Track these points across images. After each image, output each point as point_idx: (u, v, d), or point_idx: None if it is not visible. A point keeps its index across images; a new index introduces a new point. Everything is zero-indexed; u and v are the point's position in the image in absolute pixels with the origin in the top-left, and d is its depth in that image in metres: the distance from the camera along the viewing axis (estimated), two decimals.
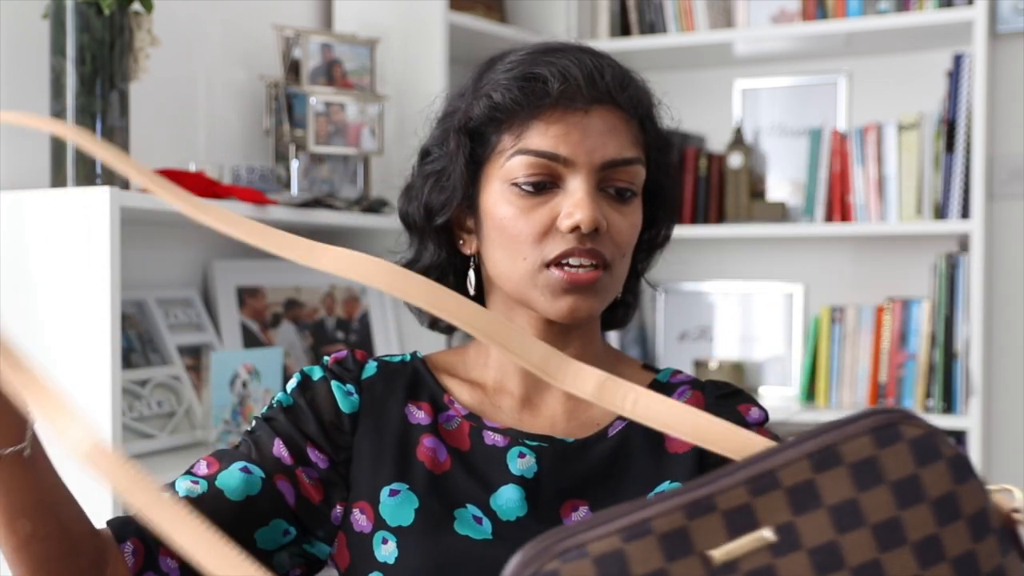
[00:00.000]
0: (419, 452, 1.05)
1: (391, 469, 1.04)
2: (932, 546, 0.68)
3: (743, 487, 0.68)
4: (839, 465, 0.68)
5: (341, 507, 1.05)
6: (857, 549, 0.67)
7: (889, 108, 2.90)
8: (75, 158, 1.82)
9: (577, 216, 0.99)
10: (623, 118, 1.04)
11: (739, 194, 2.95)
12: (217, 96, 2.38)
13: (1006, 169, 2.80)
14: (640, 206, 1.06)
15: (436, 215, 1.08)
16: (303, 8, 2.64)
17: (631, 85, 1.06)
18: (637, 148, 1.05)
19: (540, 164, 1.01)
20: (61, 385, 0.66)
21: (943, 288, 2.71)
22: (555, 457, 1.05)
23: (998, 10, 2.77)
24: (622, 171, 1.03)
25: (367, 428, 1.06)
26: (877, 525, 0.67)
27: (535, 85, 1.02)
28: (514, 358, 0.73)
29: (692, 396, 1.10)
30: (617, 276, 1.05)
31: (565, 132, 1.01)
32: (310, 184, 2.38)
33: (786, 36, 2.86)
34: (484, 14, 2.85)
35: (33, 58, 1.93)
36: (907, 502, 0.68)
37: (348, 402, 1.07)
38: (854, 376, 2.84)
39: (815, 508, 0.67)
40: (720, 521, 0.67)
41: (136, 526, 0.99)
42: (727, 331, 3.12)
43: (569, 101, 1.01)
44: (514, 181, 1.02)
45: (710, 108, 3.12)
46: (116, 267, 1.73)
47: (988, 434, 2.77)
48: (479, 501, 1.03)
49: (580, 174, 1.01)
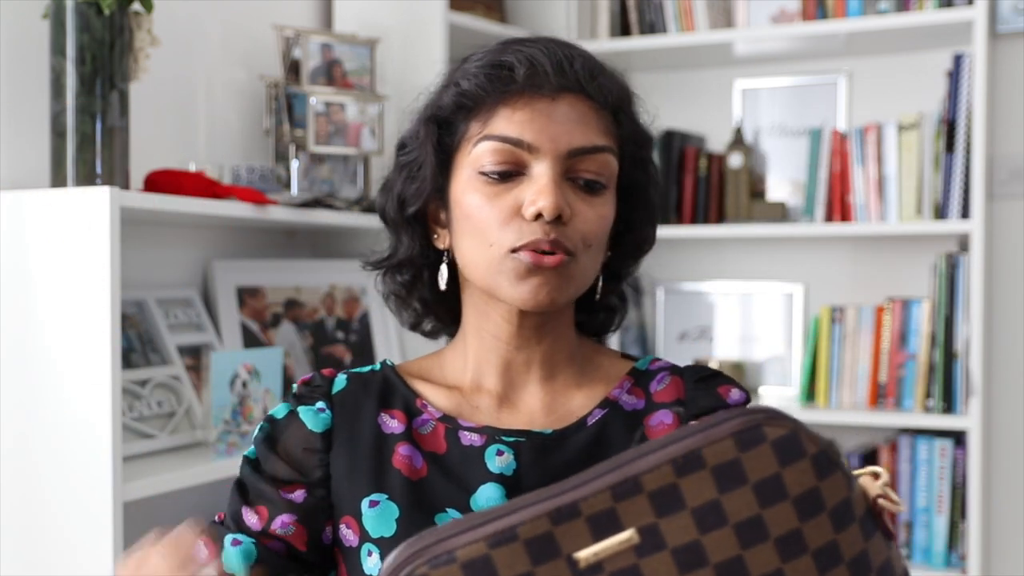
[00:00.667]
0: (395, 461, 1.04)
1: (368, 480, 1.04)
2: (794, 540, 0.71)
3: (607, 492, 0.71)
4: (702, 469, 0.71)
5: (329, 527, 1.05)
6: (720, 547, 0.69)
7: (889, 108, 2.90)
8: (75, 158, 1.82)
9: (540, 203, 0.99)
10: (592, 107, 1.03)
11: (739, 194, 2.95)
12: (217, 96, 2.38)
13: (1006, 169, 2.80)
14: (611, 200, 1.05)
15: (408, 205, 1.08)
16: (303, 8, 2.64)
17: (602, 76, 1.05)
18: (607, 138, 1.04)
19: (505, 151, 1.01)
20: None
21: (943, 288, 2.71)
22: (534, 451, 1.04)
23: (998, 10, 2.77)
24: (590, 159, 1.02)
25: (342, 442, 1.06)
26: (739, 524, 0.70)
27: (501, 72, 1.02)
28: None
29: (671, 382, 1.09)
30: (583, 267, 1.03)
31: (530, 118, 1.01)
32: (310, 184, 2.38)
33: (786, 36, 2.86)
34: (484, 14, 2.85)
35: (33, 58, 1.93)
36: (769, 500, 0.71)
37: (319, 421, 1.07)
38: (854, 376, 2.84)
39: (678, 510, 0.70)
40: (585, 525, 0.70)
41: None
42: (727, 331, 3.12)
43: (536, 88, 1.01)
44: (480, 169, 1.02)
45: (710, 108, 3.12)
46: (116, 267, 1.73)
47: (988, 434, 2.77)
48: (459, 504, 1.02)
49: (545, 161, 1.00)
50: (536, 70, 1.01)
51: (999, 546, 2.80)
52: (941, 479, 2.72)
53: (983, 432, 2.64)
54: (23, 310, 1.79)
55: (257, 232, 2.49)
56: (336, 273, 2.52)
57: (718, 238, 3.04)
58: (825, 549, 0.72)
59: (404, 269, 1.12)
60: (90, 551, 1.73)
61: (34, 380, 1.78)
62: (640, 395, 1.09)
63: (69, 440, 1.75)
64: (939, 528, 2.71)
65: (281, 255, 2.54)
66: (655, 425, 1.07)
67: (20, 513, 1.79)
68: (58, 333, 1.76)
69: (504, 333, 1.07)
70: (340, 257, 2.57)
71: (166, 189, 1.96)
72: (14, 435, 1.80)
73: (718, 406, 1.07)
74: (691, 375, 1.10)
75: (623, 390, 1.09)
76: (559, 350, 1.09)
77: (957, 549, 2.70)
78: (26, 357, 1.79)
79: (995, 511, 2.81)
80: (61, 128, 1.82)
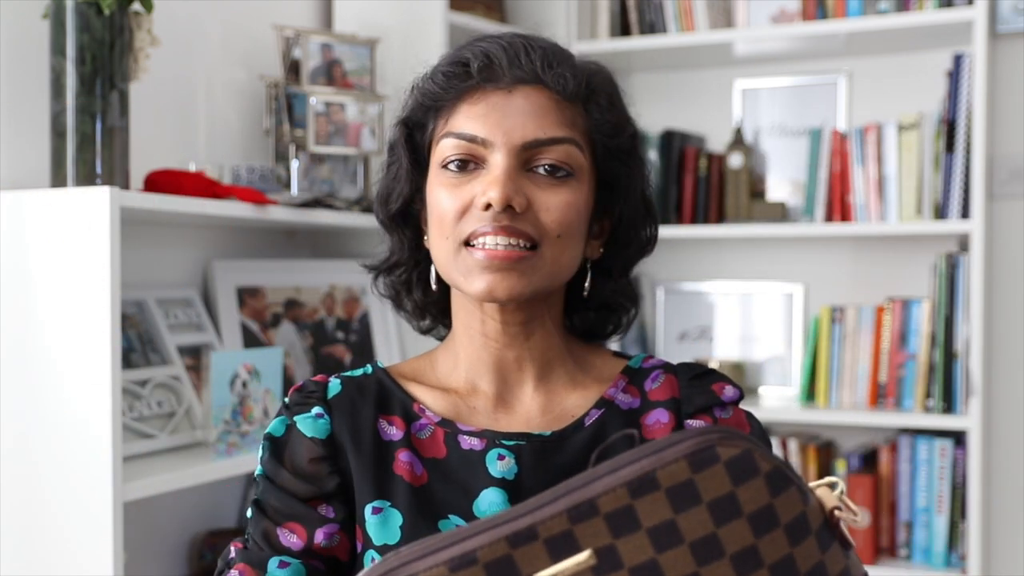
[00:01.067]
0: (396, 467, 1.03)
1: (372, 486, 1.03)
2: (750, 556, 0.73)
3: (563, 515, 0.73)
4: (656, 490, 0.73)
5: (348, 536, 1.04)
6: (676, 565, 0.71)
7: (889, 108, 2.90)
8: (75, 158, 1.82)
9: (490, 194, 0.99)
10: (552, 98, 1.03)
11: (739, 194, 2.95)
12: (217, 96, 2.38)
13: (1006, 169, 2.80)
14: (581, 189, 1.04)
15: (391, 205, 1.09)
16: (303, 8, 2.64)
17: (564, 66, 1.04)
18: (570, 129, 1.03)
19: (462, 146, 1.02)
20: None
21: (943, 288, 2.71)
22: (534, 454, 1.04)
23: (998, 10, 2.77)
24: (547, 150, 1.02)
25: (345, 445, 1.05)
26: (695, 542, 0.72)
27: (458, 68, 1.04)
28: None
29: (665, 380, 1.09)
30: (550, 258, 1.02)
31: (485, 113, 1.02)
32: (310, 184, 2.38)
33: (786, 36, 2.86)
34: (484, 14, 2.85)
35: (33, 58, 1.93)
36: (724, 519, 0.73)
37: (319, 427, 1.05)
38: (854, 376, 2.84)
39: (634, 531, 0.72)
40: (543, 548, 0.72)
41: None
42: (727, 331, 3.12)
43: (492, 82, 1.02)
44: (442, 163, 1.04)
45: (710, 108, 3.12)
46: (116, 267, 1.73)
47: (988, 434, 2.77)
48: (461, 510, 1.02)
49: (500, 153, 1.01)
50: (492, 64, 1.03)
51: (999, 546, 2.80)
52: (941, 479, 2.72)
53: (983, 432, 2.64)
54: (23, 310, 1.79)
55: (257, 232, 2.49)
56: (336, 273, 2.52)
57: (718, 238, 3.04)
58: (781, 563, 0.73)
59: (396, 270, 1.13)
60: (90, 551, 1.73)
61: (34, 380, 1.78)
62: (635, 394, 1.09)
63: (69, 440, 1.75)
64: (939, 528, 2.71)
65: (281, 255, 2.54)
66: (652, 424, 1.06)
67: (20, 513, 1.79)
68: (58, 333, 1.76)
69: (491, 331, 1.06)
70: (340, 257, 2.57)
71: (166, 189, 1.96)
72: (14, 435, 1.80)
73: (713, 404, 1.07)
74: (685, 373, 1.10)
75: (618, 389, 1.09)
76: (550, 347, 1.09)
77: (957, 549, 2.70)
78: (26, 357, 1.79)
79: (995, 511, 2.81)
80: (61, 128, 1.82)
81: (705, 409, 1.07)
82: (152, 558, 2.21)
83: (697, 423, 1.06)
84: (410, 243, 1.11)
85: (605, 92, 1.07)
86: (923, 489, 2.74)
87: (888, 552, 2.78)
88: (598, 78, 1.07)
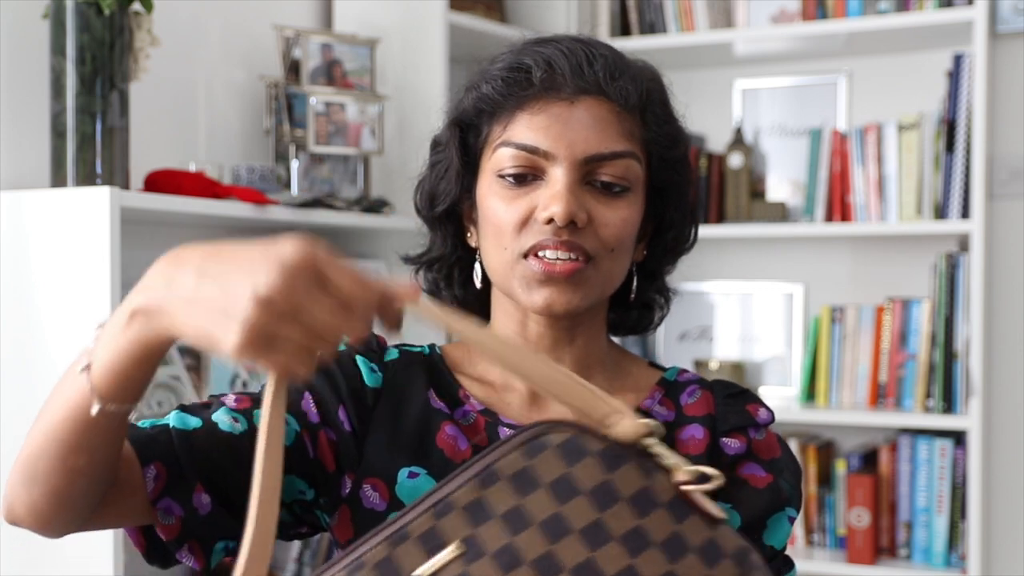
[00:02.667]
0: (439, 439, 1.03)
1: (410, 451, 1.03)
2: (598, 528, 0.79)
3: (427, 513, 0.80)
4: (499, 480, 0.80)
5: (351, 479, 1.03)
6: (531, 545, 0.78)
7: (889, 108, 2.90)
8: (75, 158, 1.82)
9: (552, 208, 0.99)
10: (613, 110, 1.02)
11: (739, 194, 2.95)
12: (217, 96, 2.38)
13: (1006, 169, 2.80)
14: (637, 201, 1.04)
15: (437, 204, 1.09)
16: (303, 8, 2.64)
17: (625, 76, 1.03)
18: (630, 142, 1.03)
19: (522, 156, 1.01)
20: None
21: (943, 288, 2.71)
22: None
23: (998, 10, 2.77)
24: (608, 165, 1.01)
25: (388, 406, 1.04)
26: (543, 522, 0.79)
27: (519, 75, 1.02)
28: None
29: (702, 395, 1.09)
30: (605, 271, 1.03)
31: (547, 124, 1.00)
32: (310, 184, 2.38)
33: (786, 36, 2.86)
34: (484, 14, 2.85)
35: (33, 58, 1.93)
36: (564, 498, 0.79)
37: (372, 377, 1.05)
38: (854, 376, 2.84)
39: (488, 519, 0.79)
40: (416, 545, 0.79)
41: (163, 449, 0.95)
42: (727, 331, 3.12)
43: (553, 91, 1.01)
44: (499, 172, 1.02)
45: (710, 108, 3.12)
46: (116, 267, 1.73)
47: (988, 434, 2.77)
48: None
49: (561, 167, 1.00)
50: (554, 73, 1.01)
51: (999, 546, 2.80)
52: (941, 479, 2.72)
53: (983, 432, 2.64)
54: (23, 310, 1.79)
55: (257, 232, 2.48)
56: None
57: (718, 238, 3.04)
58: (631, 534, 0.79)
59: (437, 265, 1.12)
60: (90, 551, 1.73)
61: (34, 380, 1.78)
62: (671, 407, 1.09)
63: None
64: (939, 528, 2.71)
65: None
66: (686, 439, 1.06)
67: None
68: (58, 333, 1.76)
69: (532, 334, 1.07)
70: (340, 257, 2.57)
71: (166, 189, 1.96)
72: (14, 435, 1.80)
73: (747, 424, 1.08)
74: (721, 390, 1.10)
75: (655, 401, 1.09)
76: (591, 352, 1.09)
77: (957, 549, 2.70)
78: (26, 357, 1.79)
79: (995, 511, 2.81)
80: (61, 128, 1.82)
81: (740, 428, 1.07)
82: None
83: (732, 442, 1.07)
84: (452, 240, 1.11)
85: (661, 101, 1.07)
86: (923, 489, 2.74)
87: (888, 552, 2.78)
88: (654, 85, 1.06)
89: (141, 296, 0.79)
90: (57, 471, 0.87)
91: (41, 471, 0.88)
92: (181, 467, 0.96)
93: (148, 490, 0.94)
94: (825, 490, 2.86)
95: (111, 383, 0.83)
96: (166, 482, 0.95)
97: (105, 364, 0.82)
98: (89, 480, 0.88)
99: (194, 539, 0.97)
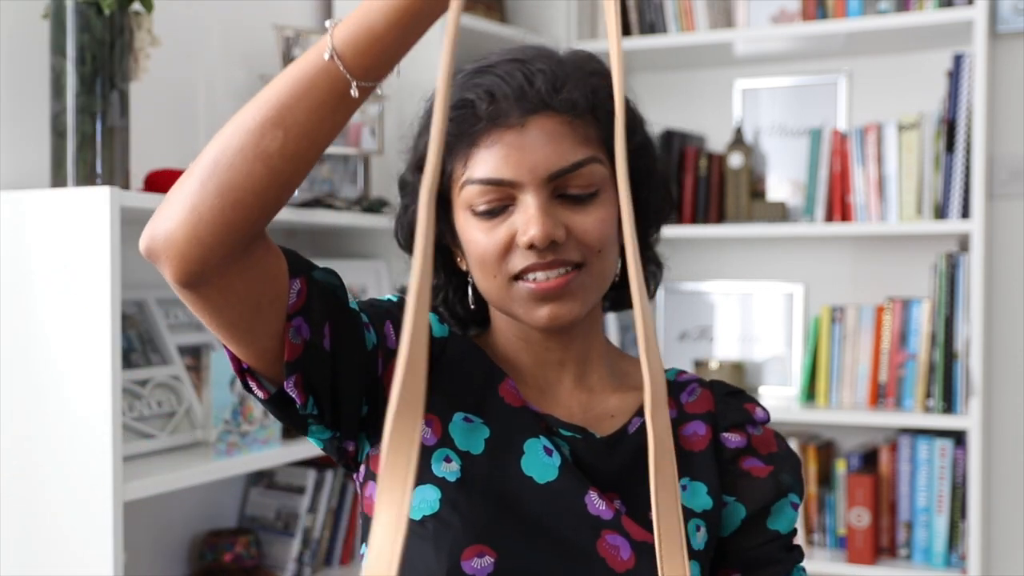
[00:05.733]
0: (502, 388, 1.07)
1: (471, 399, 1.06)
2: None
3: None
4: None
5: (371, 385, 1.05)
6: None
7: (889, 108, 2.90)
8: (75, 158, 1.82)
9: (531, 232, 1.00)
10: (564, 121, 1.02)
11: (739, 194, 2.95)
12: (217, 96, 2.38)
13: (1006, 169, 2.80)
14: (609, 198, 1.05)
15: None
16: (303, 8, 2.64)
17: (569, 83, 1.03)
18: (588, 147, 1.03)
19: (489, 191, 1.02)
20: None
21: (943, 288, 2.71)
22: (588, 451, 1.06)
23: (998, 10, 2.77)
24: (572, 177, 1.02)
25: (453, 355, 1.08)
26: None
27: (465, 112, 1.03)
28: None
29: (702, 393, 1.12)
30: (597, 272, 1.04)
31: (505, 154, 1.01)
32: (310, 184, 2.39)
33: (786, 36, 2.86)
34: (484, 14, 2.85)
35: (33, 58, 1.93)
36: None
37: (439, 328, 1.10)
38: (854, 376, 2.84)
39: None
40: None
41: (307, 274, 0.98)
42: (727, 331, 3.12)
43: (502, 119, 1.01)
44: (472, 209, 1.04)
45: (710, 108, 3.12)
46: (116, 267, 1.73)
47: (988, 434, 2.77)
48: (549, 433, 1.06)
49: (529, 191, 1.01)
50: (497, 102, 1.01)
51: (999, 546, 2.80)
52: (941, 479, 2.72)
53: (983, 432, 2.64)
54: (23, 310, 1.79)
55: None
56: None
57: (718, 238, 3.04)
58: None
59: (432, 293, 1.15)
60: (90, 551, 1.73)
61: (34, 380, 1.78)
62: (672, 405, 1.11)
63: (69, 440, 1.75)
64: (939, 528, 2.71)
65: None
66: (689, 435, 1.09)
67: (20, 513, 1.79)
68: (58, 333, 1.76)
69: (533, 338, 1.09)
70: (340, 257, 2.57)
71: (166, 189, 1.96)
72: (14, 435, 1.80)
73: (746, 420, 1.11)
74: (720, 389, 1.13)
75: None
76: (591, 348, 1.11)
77: (957, 549, 2.70)
78: (26, 357, 1.79)
79: (995, 511, 2.81)
80: (61, 128, 1.82)
81: (739, 425, 1.11)
82: (152, 558, 2.22)
83: (733, 436, 1.10)
84: (444, 269, 1.13)
85: (609, 94, 1.06)
86: (923, 489, 2.73)
87: (888, 552, 2.78)
88: (599, 79, 1.06)
89: None
90: (266, 157, 0.87)
91: (239, 163, 0.88)
92: (319, 300, 0.98)
93: (289, 303, 0.96)
94: (825, 490, 2.86)
95: (369, 55, 0.86)
96: (305, 302, 0.97)
97: (364, 34, 0.85)
98: (289, 178, 0.89)
99: (304, 372, 0.98)
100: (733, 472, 1.09)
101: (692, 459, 1.08)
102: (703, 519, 1.06)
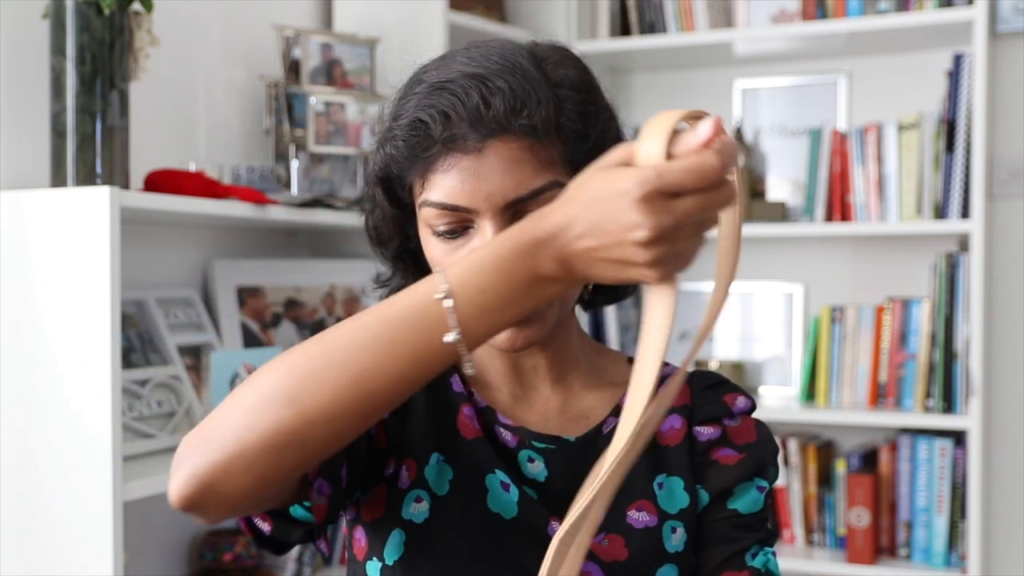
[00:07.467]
0: (459, 419, 1.05)
1: (437, 436, 1.04)
2: None
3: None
4: None
5: (393, 461, 1.04)
6: None
7: (889, 108, 2.90)
8: (75, 158, 1.82)
9: None
10: (523, 146, 0.96)
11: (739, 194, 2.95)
12: (217, 96, 2.38)
13: (1006, 169, 2.80)
14: None
15: (386, 246, 1.09)
16: (303, 8, 2.64)
17: (531, 102, 0.96)
18: (550, 170, 0.97)
19: (446, 215, 0.98)
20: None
21: (943, 288, 2.71)
22: (563, 459, 1.05)
23: (998, 10, 2.77)
24: (532, 203, 0.96)
25: (424, 391, 1.05)
26: None
27: (419, 134, 0.98)
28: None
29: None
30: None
31: (461, 181, 0.96)
32: (310, 184, 2.38)
33: (786, 36, 2.86)
34: (484, 14, 2.85)
35: (33, 58, 1.93)
36: None
37: None
38: (854, 376, 2.84)
39: None
40: None
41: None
42: (727, 331, 3.12)
43: (459, 143, 0.95)
44: (432, 229, 1.00)
45: (710, 108, 3.11)
46: (116, 267, 1.73)
47: (988, 434, 2.77)
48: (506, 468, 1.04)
49: (486, 218, 0.97)
50: (452, 125, 0.96)
51: (999, 546, 2.80)
52: (941, 479, 2.72)
53: (983, 432, 2.64)
54: (23, 310, 1.79)
55: (257, 232, 2.49)
56: (336, 273, 2.52)
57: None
58: None
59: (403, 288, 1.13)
60: (90, 551, 1.73)
61: (34, 380, 1.78)
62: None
63: (69, 440, 1.75)
64: (939, 528, 2.71)
65: (281, 255, 2.54)
66: (666, 429, 1.07)
67: (20, 513, 1.79)
68: (58, 333, 1.76)
69: (506, 345, 1.06)
70: (340, 257, 2.57)
71: (166, 189, 1.96)
72: (14, 435, 1.80)
73: (722, 414, 1.09)
74: (699, 382, 1.11)
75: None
76: (566, 350, 1.09)
77: (957, 549, 2.70)
78: (26, 357, 1.79)
79: (995, 511, 2.81)
80: (61, 128, 1.82)
81: (714, 419, 1.08)
82: (152, 558, 2.21)
83: (705, 430, 1.08)
84: (412, 269, 1.10)
85: (574, 105, 0.99)
86: (923, 489, 2.73)
87: (888, 552, 2.78)
88: (564, 90, 0.99)
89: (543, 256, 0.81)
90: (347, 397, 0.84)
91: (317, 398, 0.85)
92: (332, 458, 0.94)
93: (310, 472, 0.93)
94: (825, 490, 2.86)
95: (485, 316, 0.82)
96: (319, 468, 0.94)
97: (486, 297, 0.82)
98: (366, 419, 0.85)
99: (333, 519, 0.97)
100: (703, 464, 1.07)
101: (667, 454, 1.06)
102: (679, 520, 1.05)
